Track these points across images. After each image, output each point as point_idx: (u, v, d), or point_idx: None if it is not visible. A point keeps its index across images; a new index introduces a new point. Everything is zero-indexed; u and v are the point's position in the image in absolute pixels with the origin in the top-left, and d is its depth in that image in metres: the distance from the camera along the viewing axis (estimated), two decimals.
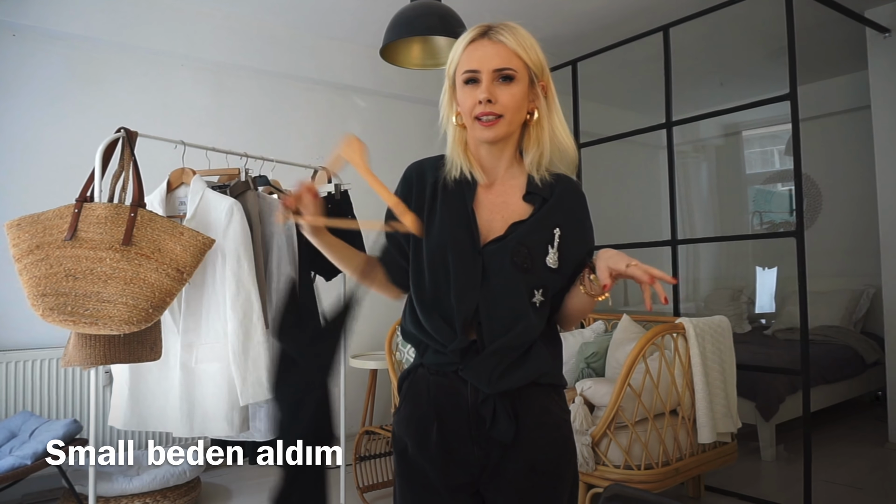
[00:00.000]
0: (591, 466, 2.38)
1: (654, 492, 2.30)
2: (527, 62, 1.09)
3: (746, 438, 3.57)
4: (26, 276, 1.69)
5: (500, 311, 1.09)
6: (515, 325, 1.08)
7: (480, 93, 1.07)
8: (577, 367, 3.10)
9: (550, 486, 1.12)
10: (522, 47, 1.09)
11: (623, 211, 5.66)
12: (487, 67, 1.07)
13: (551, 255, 1.10)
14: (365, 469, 3.06)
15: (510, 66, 1.08)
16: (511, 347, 1.09)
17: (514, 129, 1.12)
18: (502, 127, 1.09)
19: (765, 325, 5.09)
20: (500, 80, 1.08)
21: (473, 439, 1.10)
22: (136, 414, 2.11)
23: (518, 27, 1.12)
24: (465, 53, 1.10)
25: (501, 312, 1.09)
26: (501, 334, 1.08)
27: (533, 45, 1.11)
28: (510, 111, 1.09)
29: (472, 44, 1.10)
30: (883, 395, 4.13)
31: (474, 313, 1.08)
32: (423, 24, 2.14)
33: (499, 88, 1.08)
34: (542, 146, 1.13)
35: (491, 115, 1.08)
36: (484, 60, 1.08)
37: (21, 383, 2.97)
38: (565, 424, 1.17)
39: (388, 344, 3.40)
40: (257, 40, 3.81)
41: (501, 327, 1.08)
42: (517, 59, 1.08)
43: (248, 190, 2.22)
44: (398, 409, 1.20)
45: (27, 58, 3.16)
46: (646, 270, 0.96)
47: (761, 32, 3.95)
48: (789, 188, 5.33)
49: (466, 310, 1.08)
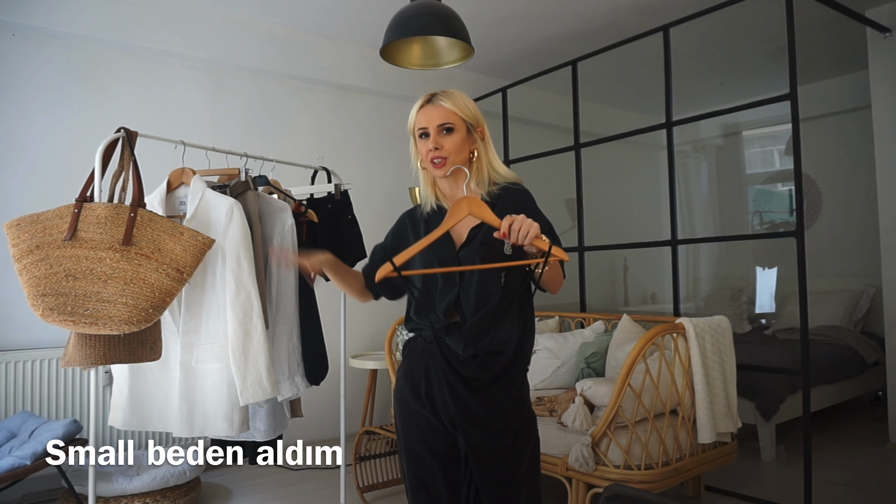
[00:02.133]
0: (591, 466, 2.38)
1: (654, 492, 2.30)
2: (463, 117, 1.49)
3: (746, 438, 3.57)
4: (26, 276, 1.69)
5: (475, 296, 1.45)
6: (484, 304, 1.44)
7: (430, 143, 1.48)
8: (577, 367, 3.10)
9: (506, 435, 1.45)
10: (457, 107, 1.48)
11: (623, 211, 5.66)
12: (433, 124, 1.48)
13: (507, 245, 1.37)
14: (365, 469, 3.06)
15: (449, 121, 1.48)
16: (483, 321, 1.43)
17: (457, 164, 1.49)
18: (448, 166, 1.48)
19: (765, 325, 5.08)
20: (443, 132, 1.48)
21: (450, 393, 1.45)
22: (136, 414, 2.10)
23: (455, 92, 1.51)
24: (418, 116, 1.50)
25: (476, 296, 1.45)
26: (475, 311, 1.44)
27: (466, 104, 1.50)
28: (452, 153, 1.48)
29: (421, 108, 1.50)
30: (883, 396, 4.13)
31: (455, 301, 1.46)
32: (422, 24, 2.13)
33: (443, 138, 1.48)
34: (482, 175, 1.53)
35: (439, 157, 1.47)
36: (430, 120, 1.48)
37: (21, 383, 2.97)
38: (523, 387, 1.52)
39: (388, 344, 3.40)
40: (257, 40, 3.81)
41: (475, 308, 1.44)
42: (455, 115, 1.48)
43: (248, 190, 2.22)
44: (400, 366, 1.59)
45: (27, 58, 3.16)
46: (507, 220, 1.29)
47: (761, 32, 3.95)
48: (789, 188, 5.33)
49: (449, 300, 1.46)
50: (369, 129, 4.41)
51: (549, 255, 1.29)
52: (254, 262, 2.06)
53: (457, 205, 1.39)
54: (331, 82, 4.18)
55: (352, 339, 4.12)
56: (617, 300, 5.70)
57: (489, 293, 1.44)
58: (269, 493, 3.17)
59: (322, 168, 2.79)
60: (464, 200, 1.39)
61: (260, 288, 2.06)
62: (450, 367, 1.43)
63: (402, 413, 1.53)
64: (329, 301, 3.13)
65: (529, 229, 1.25)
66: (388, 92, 4.41)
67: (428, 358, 1.49)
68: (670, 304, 3.39)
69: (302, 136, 4.09)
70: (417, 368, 1.51)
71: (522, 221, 1.27)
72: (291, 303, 2.27)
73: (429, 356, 1.49)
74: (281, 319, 2.25)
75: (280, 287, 2.25)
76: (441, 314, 1.46)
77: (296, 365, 2.27)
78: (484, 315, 1.43)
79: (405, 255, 1.37)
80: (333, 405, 3.83)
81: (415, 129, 1.51)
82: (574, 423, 2.53)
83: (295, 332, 2.28)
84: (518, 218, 1.28)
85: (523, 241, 1.27)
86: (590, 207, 3.89)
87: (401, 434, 1.53)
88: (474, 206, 1.38)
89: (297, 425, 3.42)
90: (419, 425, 1.49)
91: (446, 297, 1.46)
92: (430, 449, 1.48)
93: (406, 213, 1.65)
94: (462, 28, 2.22)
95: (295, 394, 2.27)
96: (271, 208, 2.25)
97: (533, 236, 1.26)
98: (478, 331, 1.43)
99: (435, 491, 1.47)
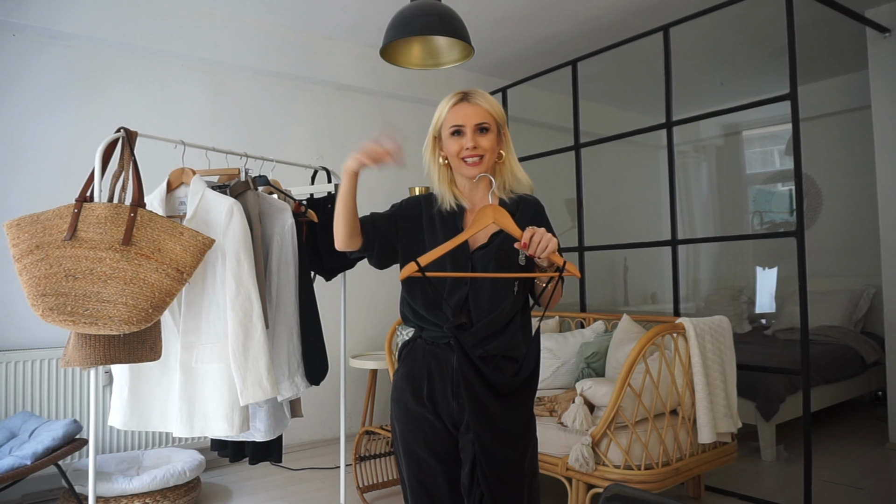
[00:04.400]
0: (591, 466, 2.38)
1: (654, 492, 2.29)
2: (496, 118, 1.50)
3: (746, 438, 3.57)
4: (26, 276, 1.69)
5: (485, 300, 1.45)
6: (497, 308, 1.45)
7: (467, 141, 1.47)
8: (577, 367, 3.10)
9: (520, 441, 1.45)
10: (492, 107, 1.49)
11: (623, 211, 5.66)
12: (470, 122, 1.47)
13: (521, 255, 1.44)
14: (365, 469, 3.06)
15: (485, 121, 1.48)
16: (493, 324, 1.45)
17: (491, 166, 1.51)
18: (484, 165, 1.49)
19: (765, 325, 5.08)
20: (479, 131, 1.48)
21: (454, 395, 1.46)
22: (136, 414, 2.10)
23: (484, 92, 1.51)
24: (451, 112, 1.49)
25: (486, 300, 1.45)
26: (486, 315, 1.45)
27: (498, 105, 1.52)
28: (488, 153, 1.49)
29: (455, 105, 1.49)
30: (883, 395, 4.13)
31: (465, 302, 1.46)
32: (422, 23, 2.13)
33: (480, 137, 1.48)
34: (506, 177, 1.55)
35: (475, 156, 1.47)
36: (467, 118, 1.47)
37: (21, 383, 2.97)
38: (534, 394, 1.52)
39: (388, 344, 3.40)
40: (257, 40, 3.81)
41: (486, 311, 1.45)
42: (489, 115, 1.49)
43: (248, 190, 2.22)
44: (398, 368, 1.56)
45: (27, 58, 3.16)
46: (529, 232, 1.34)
47: (761, 32, 3.95)
48: (789, 188, 5.33)
49: (458, 300, 1.46)
50: (369, 129, 4.41)
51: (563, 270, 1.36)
52: (254, 262, 2.05)
53: (482, 212, 1.43)
54: (331, 82, 4.18)
55: (352, 339, 4.13)
56: (617, 300, 5.70)
57: (502, 298, 1.45)
58: (269, 493, 3.17)
59: (322, 168, 2.79)
60: (489, 209, 1.42)
61: (260, 288, 2.06)
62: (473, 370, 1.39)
63: (403, 416, 1.51)
64: (329, 301, 3.14)
65: (549, 244, 1.31)
66: (387, 92, 4.41)
67: (430, 360, 1.48)
68: (670, 304, 3.39)
69: (302, 136, 4.09)
70: (419, 370, 1.49)
71: (543, 235, 1.32)
72: (291, 303, 2.27)
73: (431, 358, 1.48)
74: (281, 319, 2.25)
75: (280, 287, 2.25)
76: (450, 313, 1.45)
77: (296, 365, 2.27)
78: (495, 319, 1.44)
79: (430, 256, 1.39)
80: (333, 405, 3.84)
81: (444, 126, 1.50)
82: (574, 423, 2.53)
83: (295, 332, 2.27)
84: (539, 231, 1.32)
85: (542, 254, 1.32)
86: (590, 207, 3.89)
87: (400, 437, 1.52)
88: (499, 215, 1.42)
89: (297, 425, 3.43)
90: (420, 427, 1.48)
91: (455, 295, 1.46)
92: (433, 451, 1.47)
93: (423, 199, 1.60)
94: (462, 28, 2.22)
95: (295, 394, 2.27)
96: (271, 208, 2.25)
97: (551, 251, 1.32)
98: (487, 333, 1.44)
99: (437, 493, 1.47)
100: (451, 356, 1.45)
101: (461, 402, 1.43)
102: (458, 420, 1.45)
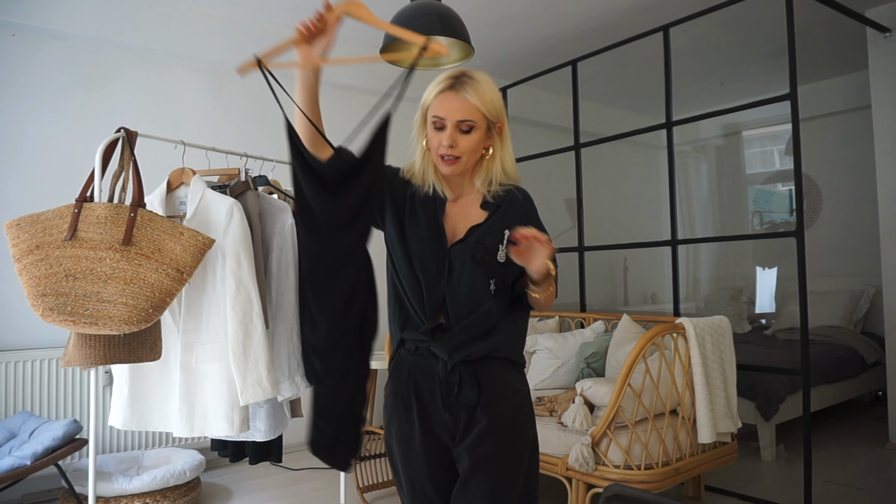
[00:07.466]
0: (591, 466, 2.38)
1: (654, 492, 2.29)
2: (485, 113, 1.33)
3: (746, 438, 3.57)
4: (26, 276, 1.69)
5: (463, 298, 1.34)
6: (476, 309, 1.33)
7: (445, 139, 1.32)
8: (577, 367, 3.10)
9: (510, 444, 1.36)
10: (482, 101, 1.31)
11: (623, 211, 5.66)
12: (452, 118, 1.32)
13: (501, 251, 1.34)
14: (365, 469, 3.06)
15: (470, 119, 1.32)
16: (473, 326, 1.33)
17: (469, 167, 1.38)
18: (459, 166, 1.35)
19: (765, 325, 5.09)
20: (461, 130, 1.32)
21: (445, 406, 1.35)
22: (136, 414, 2.10)
23: (482, 80, 1.33)
24: (437, 100, 1.34)
25: (464, 299, 1.34)
26: (465, 316, 1.33)
27: (492, 97, 1.33)
28: (467, 154, 1.34)
29: (441, 93, 1.34)
30: (883, 395, 4.13)
31: (442, 301, 1.33)
32: (422, 24, 2.13)
33: (459, 136, 1.32)
34: (490, 174, 1.40)
35: (451, 156, 1.33)
36: (450, 112, 1.32)
37: (21, 383, 2.97)
38: (522, 392, 1.41)
39: (388, 344, 3.40)
40: (257, 40, 3.80)
41: (465, 311, 1.33)
42: (477, 112, 1.32)
43: (248, 190, 2.22)
44: (387, 383, 1.44)
45: (27, 58, 3.16)
46: None
47: (761, 32, 3.95)
48: (789, 188, 5.33)
49: (435, 299, 1.34)
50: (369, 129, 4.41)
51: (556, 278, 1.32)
52: (254, 262, 2.06)
53: None
54: (331, 82, 4.17)
55: None
56: (617, 300, 5.70)
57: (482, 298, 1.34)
58: (269, 493, 3.17)
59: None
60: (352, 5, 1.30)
61: (260, 288, 2.06)
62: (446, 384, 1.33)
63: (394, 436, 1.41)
64: None
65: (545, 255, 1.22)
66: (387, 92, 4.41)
67: (416, 373, 1.37)
68: (670, 304, 3.39)
69: None
70: (405, 387, 1.38)
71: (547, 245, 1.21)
72: (291, 303, 2.27)
73: (417, 370, 1.37)
74: (281, 319, 2.25)
75: (280, 287, 2.25)
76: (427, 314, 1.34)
77: (296, 365, 2.27)
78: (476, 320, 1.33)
79: None
80: None
81: (429, 112, 1.36)
82: (574, 423, 2.53)
83: (295, 332, 2.27)
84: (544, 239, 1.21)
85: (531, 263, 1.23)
86: (590, 207, 3.89)
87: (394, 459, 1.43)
88: (351, 6, 1.33)
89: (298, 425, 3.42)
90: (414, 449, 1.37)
91: (433, 294, 1.34)
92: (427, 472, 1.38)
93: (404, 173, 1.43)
94: (462, 28, 2.22)
95: (295, 394, 2.27)
96: (271, 208, 2.25)
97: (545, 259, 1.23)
98: (464, 339, 1.33)
99: None
100: (436, 365, 1.35)
101: (454, 413, 1.35)
102: (455, 431, 1.36)
